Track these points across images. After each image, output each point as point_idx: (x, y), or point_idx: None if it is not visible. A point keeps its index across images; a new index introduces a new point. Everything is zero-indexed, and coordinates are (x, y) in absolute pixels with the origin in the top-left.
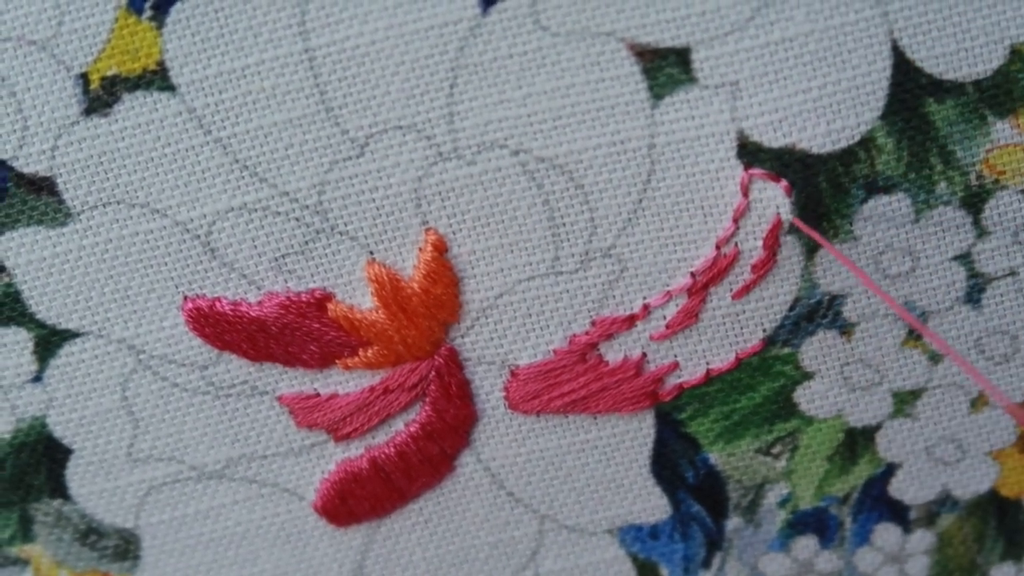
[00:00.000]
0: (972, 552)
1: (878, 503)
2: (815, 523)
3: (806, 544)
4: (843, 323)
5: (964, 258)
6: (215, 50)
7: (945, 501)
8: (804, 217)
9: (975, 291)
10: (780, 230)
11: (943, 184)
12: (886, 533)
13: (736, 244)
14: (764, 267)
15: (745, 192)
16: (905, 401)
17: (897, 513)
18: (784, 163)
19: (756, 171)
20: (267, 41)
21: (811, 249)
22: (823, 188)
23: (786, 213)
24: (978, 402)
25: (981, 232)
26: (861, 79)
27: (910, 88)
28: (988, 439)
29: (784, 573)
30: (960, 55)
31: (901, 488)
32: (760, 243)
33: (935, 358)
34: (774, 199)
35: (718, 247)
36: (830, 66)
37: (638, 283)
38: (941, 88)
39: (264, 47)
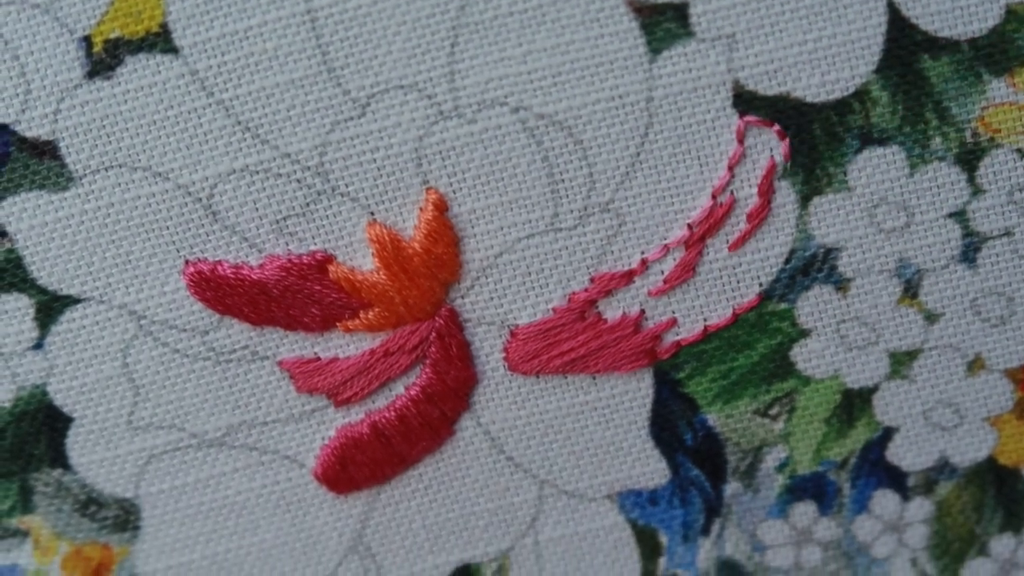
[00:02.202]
0: (971, 522)
1: (876, 469)
2: (813, 489)
3: (805, 511)
4: (838, 278)
5: (959, 216)
6: (218, 12)
7: (943, 468)
8: (798, 162)
9: (970, 250)
10: (774, 175)
11: (938, 140)
12: (884, 500)
13: (732, 193)
14: (759, 215)
15: (740, 140)
16: (901, 362)
17: (895, 480)
18: (779, 111)
19: (751, 118)
20: (269, 2)
21: (805, 197)
22: (817, 135)
23: (779, 156)
24: (975, 365)
25: (976, 190)
26: (856, 33)
27: (905, 44)
28: (986, 404)
29: (783, 541)
30: (956, 13)
31: (899, 453)
32: (755, 191)
33: (931, 318)
34: (768, 145)
35: (714, 197)
36: (825, 20)
37: (636, 237)
38: (936, 45)
39: (267, 8)
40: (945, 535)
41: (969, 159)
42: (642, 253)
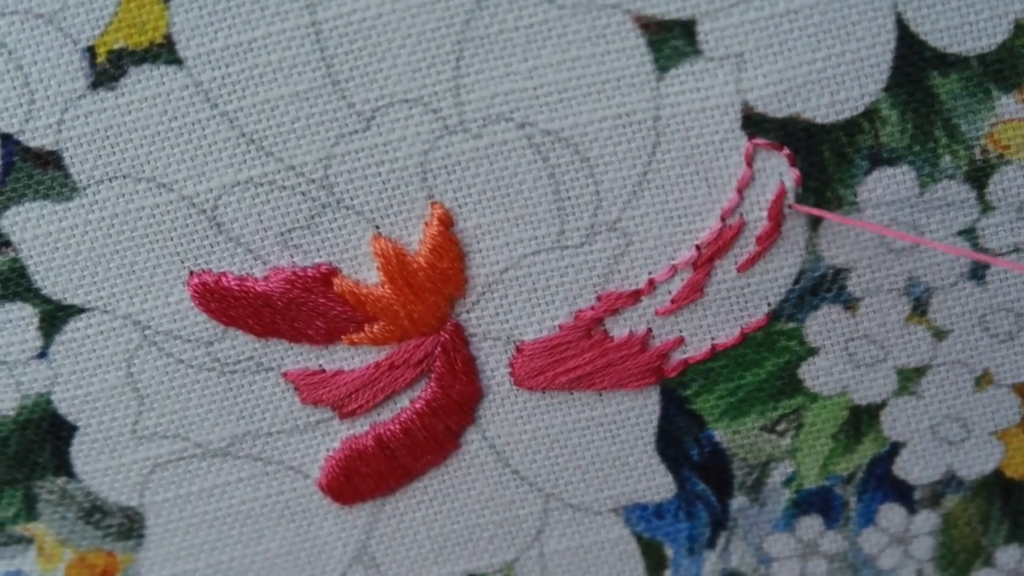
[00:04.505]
0: (977, 534)
1: (883, 483)
2: (820, 503)
3: (811, 524)
4: (848, 297)
5: (968, 233)
6: (222, 23)
7: (950, 482)
8: (808, 186)
9: (980, 267)
10: (784, 200)
11: (947, 158)
12: (891, 514)
13: (741, 215)
14: (769, 238)
15: (749, 162)
16: (909, 379)
17: (902, 493)
18: (788, 133)
19: (760, 141)
20: (274, 14)
21: (815, 220)
22: (827, 157)
23: (789, 181)
24: (983, 380)
25: (985, 207)
26: (865, 51)
27: (914, 61)
28: (993, 418)
29: (789, 553)
30: (964, 29)
31: (906, 468)
32: (765, 214)
33: (940, 335)
34: (777, 169)
35: (723, 219)
36: (834, 38)
37: (643, 257)
38: (945, 62)
39: (271, 20)
40: (951, 547)
41: (978, 176)
42: (649, 273)
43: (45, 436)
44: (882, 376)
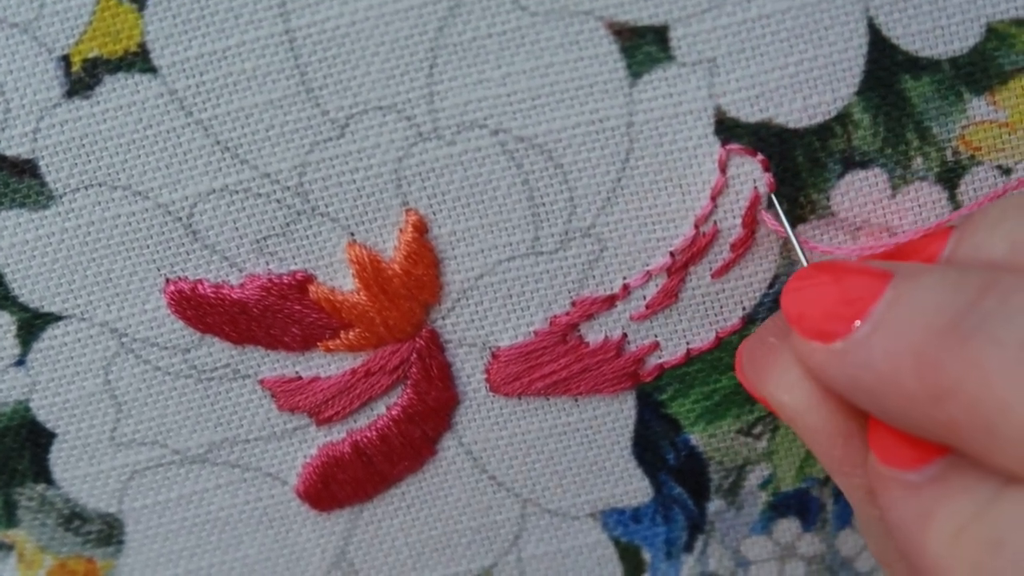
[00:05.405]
0: None
1: None
2: (797, 505)
3: (788, 527)
4: None
5: None
6: (196, 32)
7: None
8: (782, 191)
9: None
10: (758, 207)
11: (919, 160)
12: None
13: (715, 222)
14: (743, 245)
15: (723, 169)
16: None
17: None
18: (761, 138)
19: (733, 146)
20: (248, 23)
21: (790, 225)
22: (800, 163)
23: (763, 187)
24: None
25: (957, 207)
26: (837, 55)
27: (886, 65)
28: None
29: (767, 556)
30: (936, 33)
31: None
32: (739, 221)
33: None
34: (751, 175)
35: (697, 226)
36: (807, 43)
37: (618, 263)
38: (917, 65)
39: (245, 28)
40: None
41: (950, 177)
42: (624, 278)
43: (24, 443)
44: None
